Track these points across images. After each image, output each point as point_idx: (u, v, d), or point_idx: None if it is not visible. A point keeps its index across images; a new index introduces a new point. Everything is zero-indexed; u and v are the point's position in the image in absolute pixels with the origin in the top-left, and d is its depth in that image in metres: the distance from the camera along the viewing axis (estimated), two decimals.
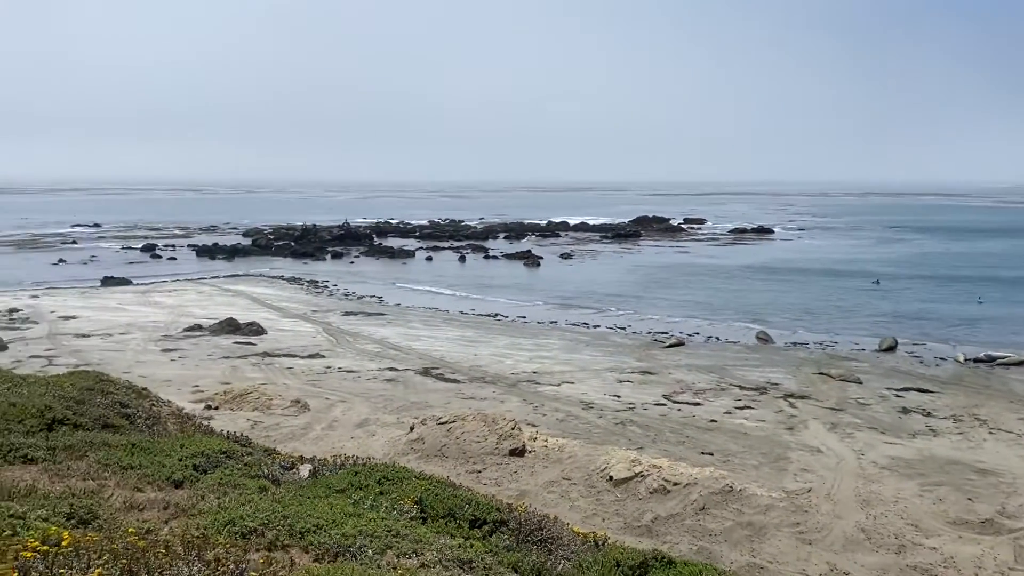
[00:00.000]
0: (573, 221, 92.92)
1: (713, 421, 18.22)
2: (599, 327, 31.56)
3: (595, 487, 13.00)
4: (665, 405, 19.57)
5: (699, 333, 30.18)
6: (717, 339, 29.19)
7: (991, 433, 17.53)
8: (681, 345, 27.54)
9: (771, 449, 16.10)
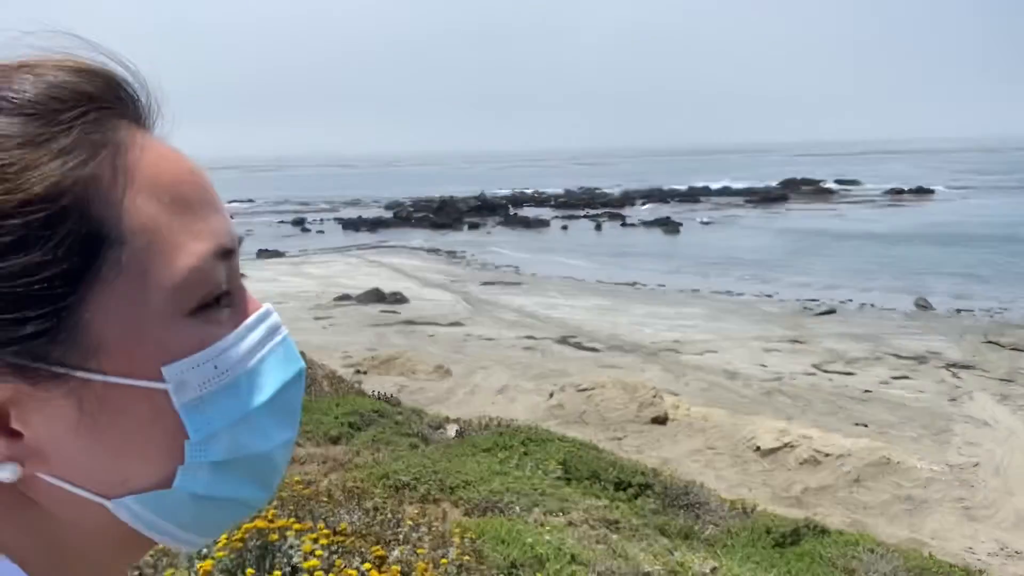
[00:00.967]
0: (715, 185, 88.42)
1: (867, 391, 17.33)
2: (744, 295, 30.59)
3: (741, 457, 12.69)
4: (815, 375, 18.79)
5: (852, 300, 28.68)
6: (872, 306, 27.66)
7: None
8: (833, 313, 26.29)
9: (932, 421, 15.15)
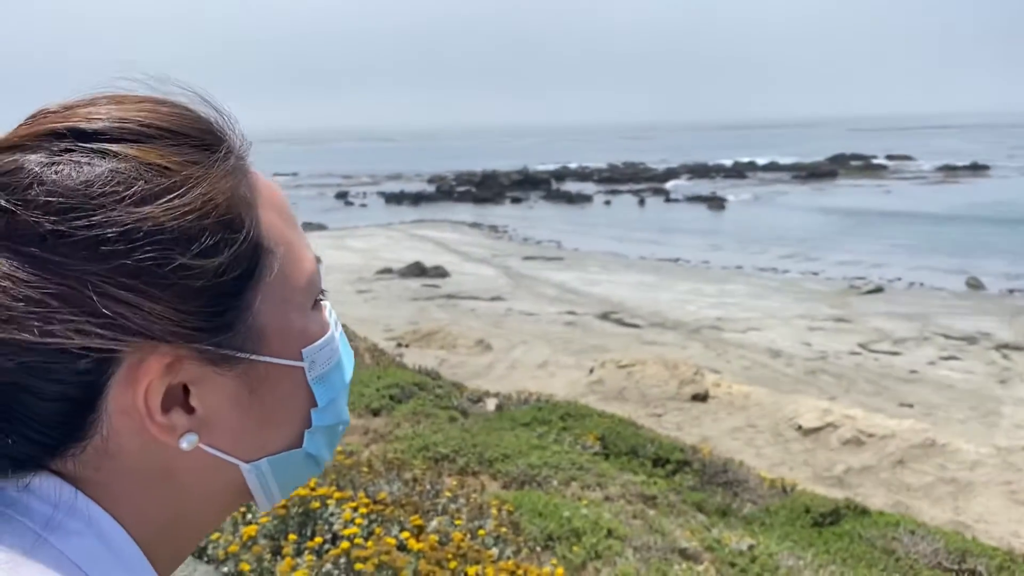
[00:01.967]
0: (762, 161, 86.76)
1: (914, 372, 17.03)
2: (788, 272, 30.17)
3: (782, 436, 12.59)
4: (860, 354, 18.51)
5: (900, 279, 28.12)
6: (921, 285, 27.09)
7: None
8: (880, 291, 25.82)
9: (980, 403, 14.86)
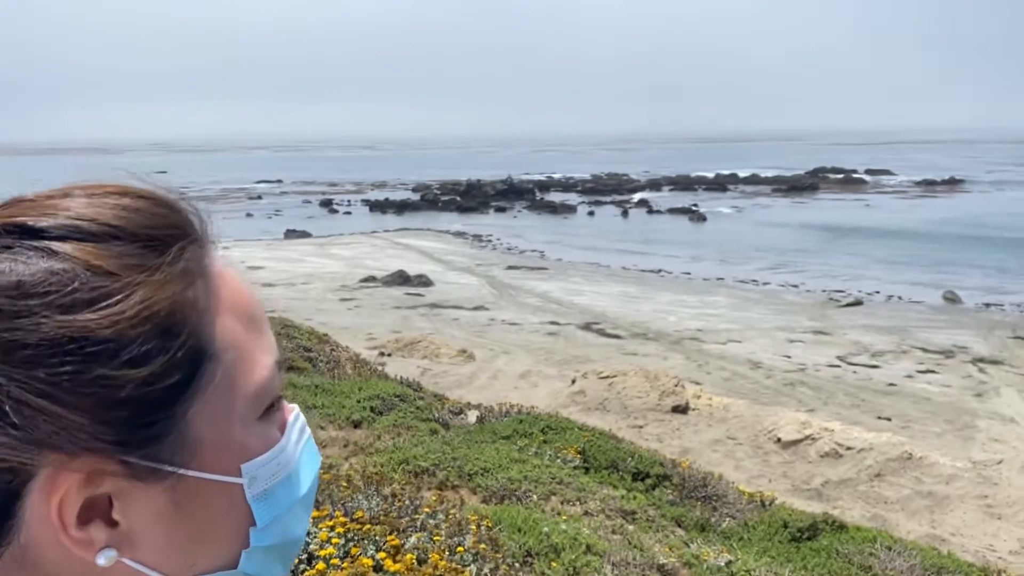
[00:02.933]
0: (743, 173, 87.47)
1: (892, 385, 17.20)
2: (769, 284, 30.40)
3: (762, 448, 12.66)
4: (839, 367, 18.67)
5: (879, 292, 28.40)
6: (899, 298, 27.38)
7: None
8: (859, 304, 26.07)
9: (956, 416, 15.02)
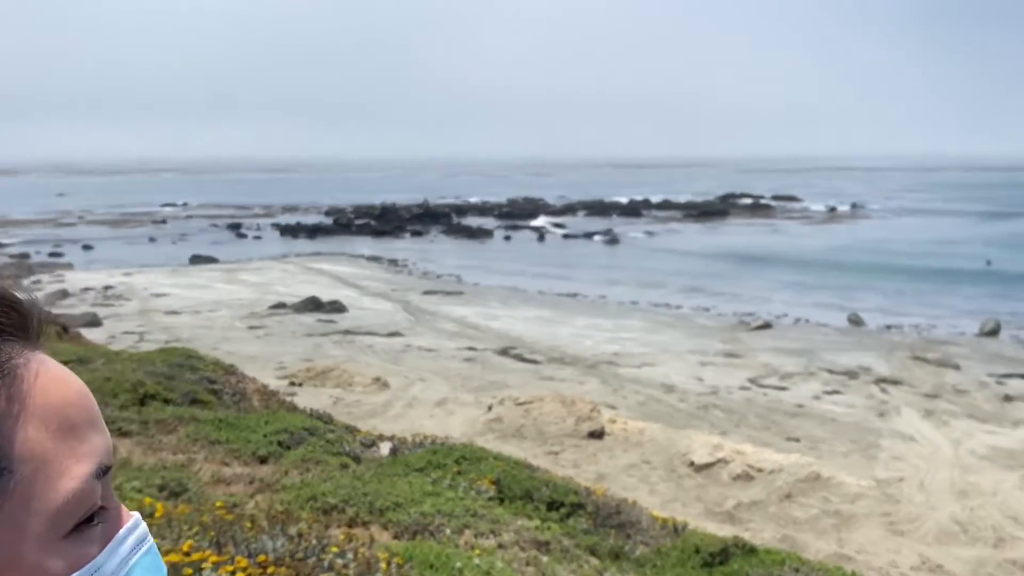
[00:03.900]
0: (656, 199, 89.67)
1: (800, 406, 17.71)
2: (682, 308, 31.05)
3: (676, 471, 12.80)
4: (750, 389, 19.13)
5: (787, 315, 29.36)
6: (806, 321, 28.35)
7: None
8: (768, 327, 26.86)
9: (861, 436, 15.55)
